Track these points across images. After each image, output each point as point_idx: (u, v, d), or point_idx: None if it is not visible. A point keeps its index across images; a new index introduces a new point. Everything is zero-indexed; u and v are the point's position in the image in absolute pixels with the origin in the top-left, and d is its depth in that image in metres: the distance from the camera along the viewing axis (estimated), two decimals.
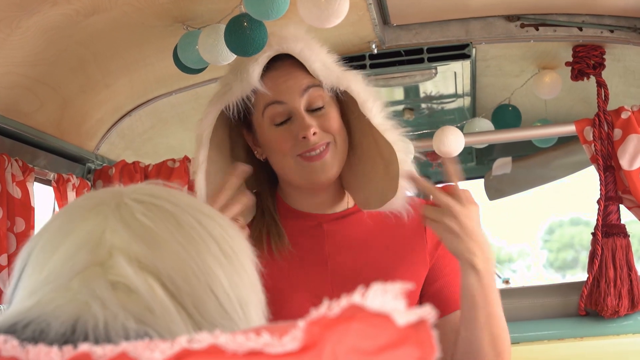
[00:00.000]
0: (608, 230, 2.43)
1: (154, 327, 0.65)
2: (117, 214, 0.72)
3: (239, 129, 1.66)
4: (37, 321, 0.65)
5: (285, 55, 1.57)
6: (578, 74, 2.52)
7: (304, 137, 1.52)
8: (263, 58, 1.56)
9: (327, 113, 1.56)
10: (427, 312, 0.47)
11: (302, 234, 1.63)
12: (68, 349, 0.56)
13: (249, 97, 1.57)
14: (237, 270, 0.74)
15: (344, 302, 0.50)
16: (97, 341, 0.62)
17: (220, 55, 1.83)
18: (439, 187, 1.51)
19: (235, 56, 1.75)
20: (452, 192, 1.47)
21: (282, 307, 1.54)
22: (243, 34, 1.68)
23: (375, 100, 1.59)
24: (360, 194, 1.64)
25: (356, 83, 1.60)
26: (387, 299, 0.48)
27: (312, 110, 1.56)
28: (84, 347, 0.55)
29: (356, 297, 0.49)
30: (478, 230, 1.47)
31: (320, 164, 1.54)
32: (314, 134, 1.52)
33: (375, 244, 1.62)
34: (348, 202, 1.67)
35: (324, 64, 1.58)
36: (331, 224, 1.63)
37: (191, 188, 1.60)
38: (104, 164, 2.73)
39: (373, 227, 1.63)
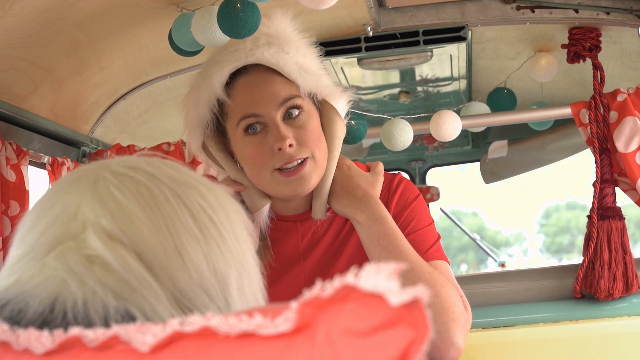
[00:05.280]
0: (604, 212, 2.43)
1: (134, 303, 0.65)
2: (93, 189, 0.72)
3: (213, 135, 1.59)
4: (15, 300, 0.65)
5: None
6: (574, 57, 2.51)
7: (280, 149, 1.46)
8: (226, 71, 1.50)
9: (305, 123, 1.51)
10: (421, 291, 0.47)
11: (280, 235, 1.64)
12: (59, 333, 0.55)
13: (221, 104, 1.53)
14: (216, 243, 0.74)
15: (337, 282, 0.49)
16: (76, 319, 0.62)
17: (214, 37, 1.82)
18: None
19: (229, 38, 1.74)
20: None
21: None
22: (235, 16, 1.67)
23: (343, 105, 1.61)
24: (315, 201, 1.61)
25: (334, 96, 1.58)
26: (381, 279, 0.47)
27: (289, 118, 1.51)
28: (74, 330, 0.55)
29: (349, 277, 0.49)
30: (354, 184, 1.56)
31: (298, 178, 1.49)
32: (290, 145, 1.47)
33: (348, 237, 1.63)
34: None
35: (301, 67, 1.51)
36: (305, 223, 1.64)
37: None
38: (99, 148, 2.72)
39: (344, 222, 1.63)
